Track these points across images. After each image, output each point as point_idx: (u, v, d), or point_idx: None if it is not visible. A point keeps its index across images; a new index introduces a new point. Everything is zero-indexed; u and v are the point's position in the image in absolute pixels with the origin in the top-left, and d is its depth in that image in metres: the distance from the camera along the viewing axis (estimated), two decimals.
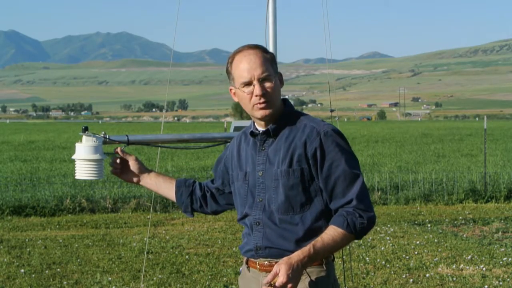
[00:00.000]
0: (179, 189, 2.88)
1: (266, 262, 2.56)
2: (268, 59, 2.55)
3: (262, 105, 2.53)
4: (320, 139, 2.48)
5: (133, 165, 2.93)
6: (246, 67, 2.52)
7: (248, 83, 2.53)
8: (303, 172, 2.50)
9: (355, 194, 2.45)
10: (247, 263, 2.67)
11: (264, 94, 2.52)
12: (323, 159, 2.48)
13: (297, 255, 2.40)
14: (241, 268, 2.75)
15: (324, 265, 2.53)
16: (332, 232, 2.44)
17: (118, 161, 2.94)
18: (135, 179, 2.94)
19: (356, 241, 2.56)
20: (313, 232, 2.48)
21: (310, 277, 2.51)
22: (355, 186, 2.46)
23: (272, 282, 2.37)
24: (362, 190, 2.47)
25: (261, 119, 2.57)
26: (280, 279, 2.35)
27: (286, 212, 2.51)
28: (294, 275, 2.37)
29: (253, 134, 2.64)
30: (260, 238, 2.56)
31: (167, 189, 2.90)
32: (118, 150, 2.93)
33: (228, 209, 2.88)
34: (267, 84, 2.52)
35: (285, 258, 2.40)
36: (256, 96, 2.52)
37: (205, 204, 2.87)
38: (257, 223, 2.57)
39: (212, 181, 2.89)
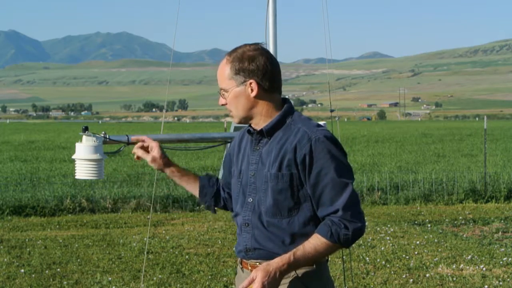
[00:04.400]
0: (203, 188, 2.86)
1: (257, 263, 2.54)
2: (230, 70, 2.54)
3: (230, 113, 2.62)
4: (311, 145, 2.44)
5: (156, 156, 2.85)
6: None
7: None
8: (293, 177, 2.46)
9: (342, 204, 2.40)
10: (241, 263, 2.66)
11: (223, 104, 2.59)
12: (312, 166, 2.43)
13: (276, 262, 2.38)
14: (237, 268, 2.75)
15: (314, 265, 2.50)
16: (315, 241, 2.41)
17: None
18: (158, 167, 2.87)
19: (351, 246, 2.52)
20: (301, 237, 2.46)
21: (298, 275, 2.49)
22: (343, 196, 2.41)
23: None
24: (350, 199, 2.41)
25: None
26: (255, 286, 2.33)
27: (274, 215, 2.49)
28: (271, 282, 2.36)
29: (250, 132, 2.63)
30: (249, 240, 2.55)
31: (190, 187, 2.90)
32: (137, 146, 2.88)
33: None
34: (225, 95, 2.58)
35: (263, 264, 2.39)
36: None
37: (229, 203, 2.86)
38: (246, 224, 2.56)
39: (223, 177, 2.89)
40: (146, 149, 2.87)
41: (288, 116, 2.57)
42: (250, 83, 2.53)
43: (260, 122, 2.57)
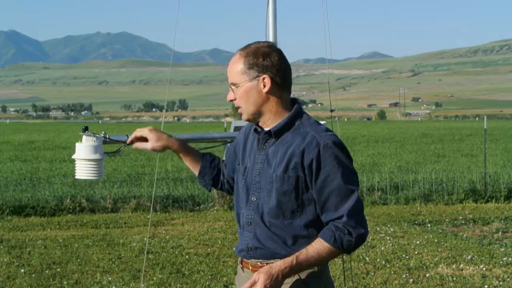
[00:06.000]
0: (203, 169, 2.87)
1: (258, 263, 2.54)
2: (243, 65, 2.53)
3: (238, 110, 2.58)
4: (319, 150, 2.43)
5: (153, 137, 2.81)
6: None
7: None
8: (299, 180, 2.46)
9: (346, 210, 2.41)
10: (241, 263, 2.65)
11: (232, 100, 2.57)
12: (319, 171, 2.43)
13: (279, 265, 2.38)
14: (237, 268, 2.75)
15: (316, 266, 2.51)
16: (318, 245, 2.41)
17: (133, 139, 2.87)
18: (162, 148, 2.84)
19: (353, 252, 2.53)
20: (302, 239, 2.47)
21: (300, 276, 2.49)
22: (348, 202, 2.42)
23: None
24: (355, 206, 2.42)
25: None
26: None
27: (277, 217, 2.49)
28: (273, 285, 2.35)
29: (257, 131, 2.62)
30: (250, 239, 2.54)
31: (192, 165, 2.88)
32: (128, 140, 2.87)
33: None
34: (236, 90, 2.55)
35: (266, 267, 2.39)
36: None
37: (225, 188, 2.89)
38: (249, 223, 2.55)
39: (225, 165, 2.88)
40: (143, 139, 2.84)
41: (297, 118, 2.56)
42: (263, 78, 2.53)
43: (268, 121, 2.56)
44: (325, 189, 2.43)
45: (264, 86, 2.52)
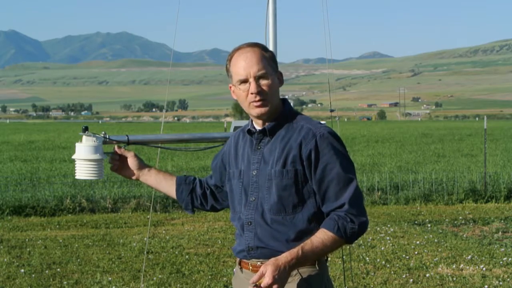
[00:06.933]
0: (179, 186, 2.88)
1: (258, 262, 2.54)
2: (266, 57, 2.54)
3: (258, 103, 2.52)
4: (316, 141, 2.47)
5: (131, 162, 2.94)
6: (242, 65, 2.52)
7: (245, 81, 2.52)
8: (297, 173, 2.48)
9: (347, 198, 2.43)
10: (240, 264, 2.66)
11: (260, 92, 2.50)
12: (318, 161, 2.46)
13: (285, 257, 2.39)
14: (234, 269, 2.75)
15: (316, 265, 2.52)
16: (322, 235, 2.42)
17: (117, 157, 2.96)
18: (134, 176, 2.96)
19: (355, 241, 2.53)
20: (305, 234, 2.47)
21: (302, 276, 2.50)
22: (348, 190, 2.44)
23: (258, 283, 2.37)
24: (355, 194, 2.45)
25: (257, 117, 2.57)
26: (266, 280, 2.33)
27: (278, 212, 2.50)
28: (281, 276, 2.36)
29: (250, 132, 2.63)
30: (251, 238, 2.55)
31: (168, 186, 2.91)
32: (116, 147, 2.96)
33: (227, 206, 2.85)
34: (263, 82, 2.51)
35: (272, 259, 2.39)
36: (252, 93, 2.51)
37: (205, 202, 2.87)
38: (249, 223, 2.56)
39: (210, 177, 2.88)
40: (121, 159, 2.98)
41: (289, 115, 2.59)
42: (280, 74, 2.61)
43: (267, 120, 2.58)
44: (325, 179, 2.46)
45: (280, 81, 2.60)
